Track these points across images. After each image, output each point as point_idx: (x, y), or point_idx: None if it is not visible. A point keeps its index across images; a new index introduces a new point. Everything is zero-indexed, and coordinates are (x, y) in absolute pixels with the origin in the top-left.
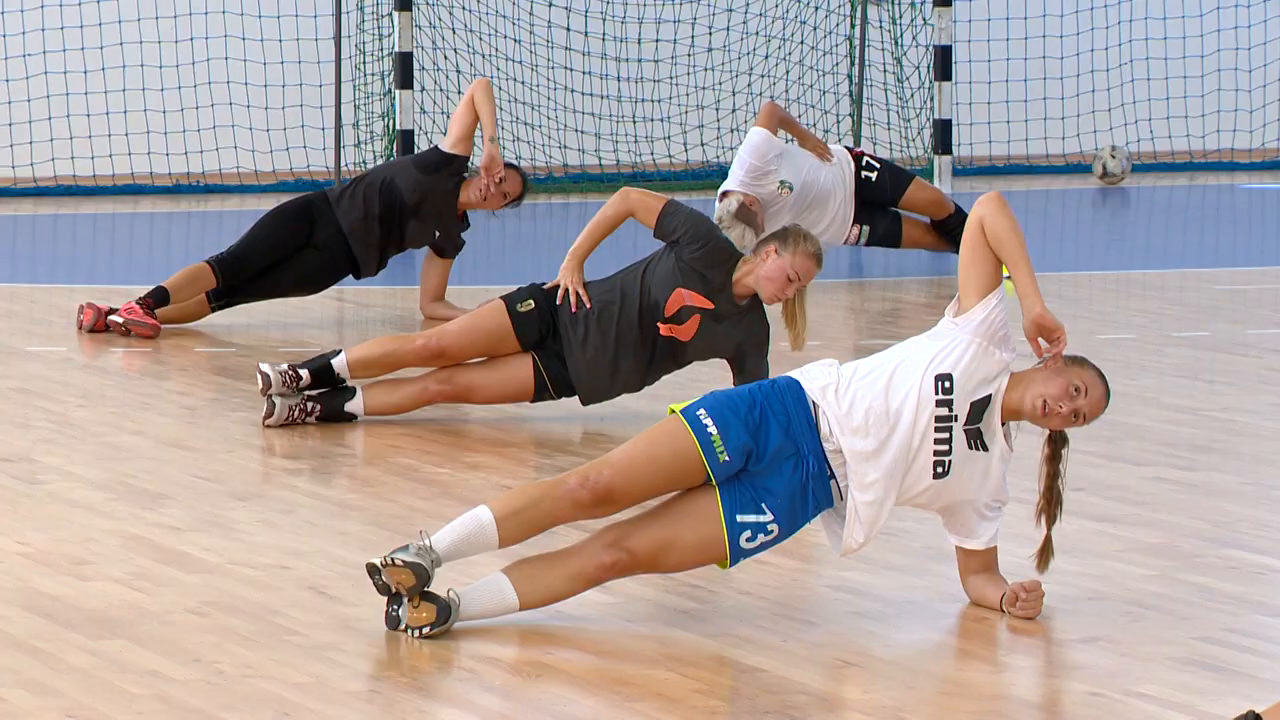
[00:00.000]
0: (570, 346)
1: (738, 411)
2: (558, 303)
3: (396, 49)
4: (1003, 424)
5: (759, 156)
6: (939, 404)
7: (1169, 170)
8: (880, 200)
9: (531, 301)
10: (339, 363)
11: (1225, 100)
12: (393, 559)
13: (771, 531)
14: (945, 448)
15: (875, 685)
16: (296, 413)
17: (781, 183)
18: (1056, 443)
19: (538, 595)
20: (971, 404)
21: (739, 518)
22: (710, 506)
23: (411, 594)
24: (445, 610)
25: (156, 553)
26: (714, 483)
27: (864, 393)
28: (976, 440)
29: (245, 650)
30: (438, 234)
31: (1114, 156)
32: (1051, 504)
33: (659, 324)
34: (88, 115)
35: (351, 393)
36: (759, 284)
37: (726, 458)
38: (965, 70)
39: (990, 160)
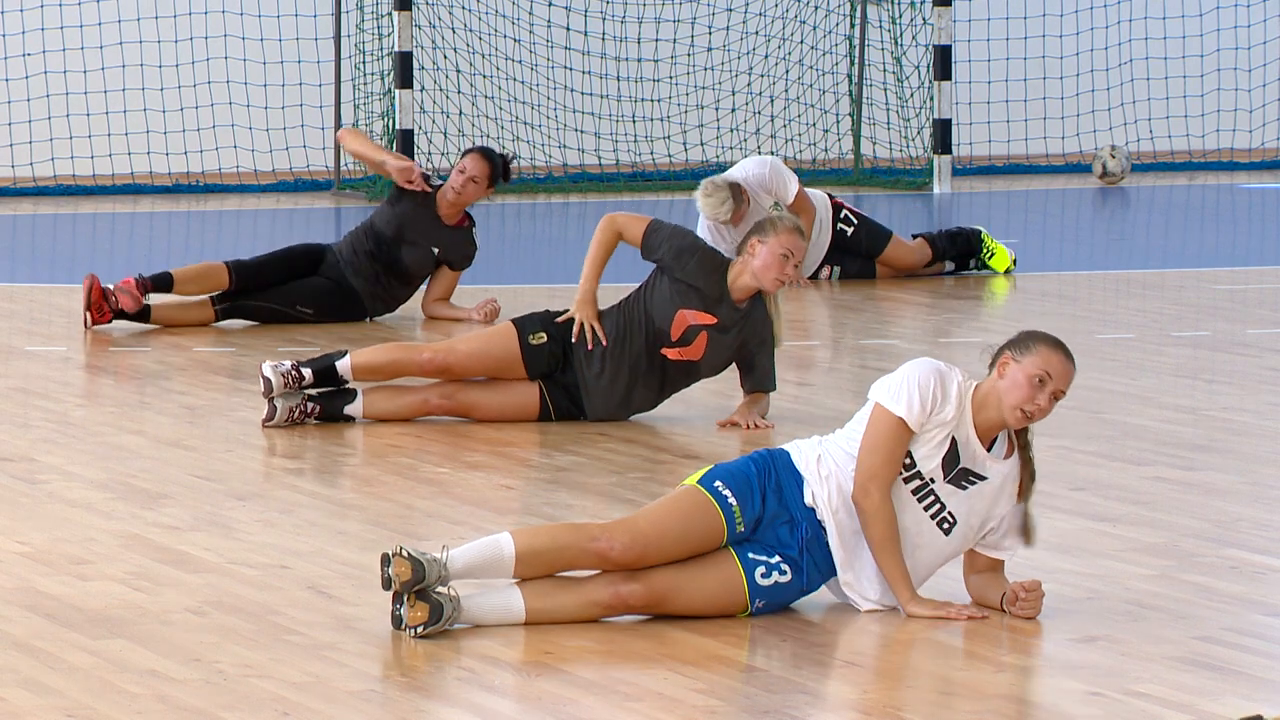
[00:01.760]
0: (585, 380)
1: (749, 482)
2: (573, 339)
3: (396, 49)
4: (988, 447)
5: (770, 178)
6: (906, 480)
7: (1169, 170)
8: (856, 253)
9: (544, 334)
10: (343, 365)
11: (1225, 100)
12: (401, 548)
13: (785, 572)
14: (938, 507)
15: (875, 685)
16: (296, 414)
17: (775, 205)
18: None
19: (546, 613)
20: (942, 459)
21: (751, 555)
22: (724, 553)
23: (406, 589)
24: (438, 610)
25: (156, 552)
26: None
27: (844, 481)
28: (967, 478)
29: (245, 650)
30: (437, 251)
31: (1114, 156)
32: (1026, 478)
33: (667, 350)
34: (88, 115)
35: (352, 395)
36: (758, 277)
37: (742, 528)
38: (965, 70)
39: (990, 160)
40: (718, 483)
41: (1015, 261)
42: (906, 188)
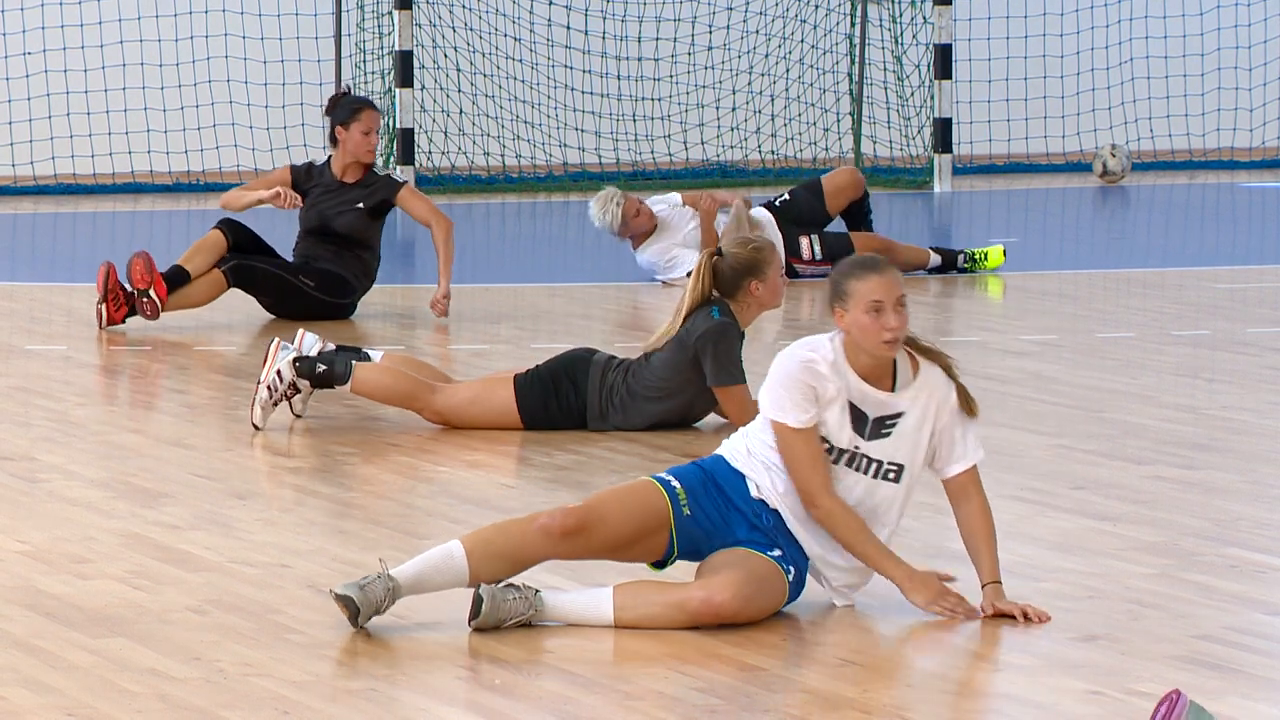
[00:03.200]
0: (607, 421)
1: (697, 475)
2: None
3: (397, 48)
4: (887, 387)
5: (654, 201)
6: (835, 461)
7: (1169, 169)
8: (814, 215)
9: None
10: (344, 388)
11: (1225, 99)
12: (330, 590)
13: (789, 568)
14: (876, 465)
15: (875, 685)
16: (278, 400)
17: (674, 206)
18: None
19: (635, 614)
20: (851, 425)
21: (770, 554)
22: (749, 553)
23: (359, 625)
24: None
25: (156, 551)
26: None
27: (781, 470)
28: (884, 425)
29: (245, 648)
30: (361, 205)
31: (1114, 155)
32: (944, 363)
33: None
34: (88, 114)
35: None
36: (772, 304)
37: (688, 511)
38: (965, 69)
39: (990, 159)
40: (663, 474)
41: (1004, 252)
42: (907, 187)
